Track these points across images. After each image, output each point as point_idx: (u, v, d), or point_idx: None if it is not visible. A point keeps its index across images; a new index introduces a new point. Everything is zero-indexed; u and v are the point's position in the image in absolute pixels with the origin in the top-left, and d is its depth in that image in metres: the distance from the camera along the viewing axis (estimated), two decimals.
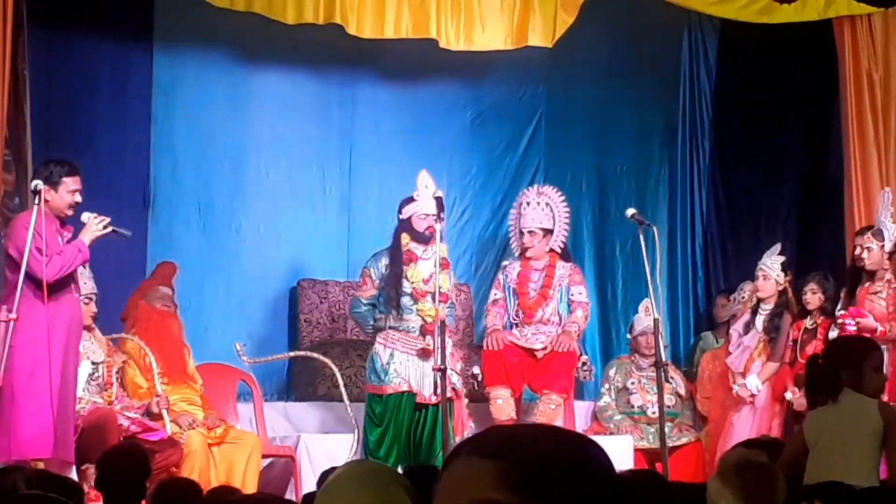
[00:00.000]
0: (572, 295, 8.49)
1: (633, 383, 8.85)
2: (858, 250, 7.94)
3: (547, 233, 8.54)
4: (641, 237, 7.46)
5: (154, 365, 7.64)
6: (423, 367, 7.52)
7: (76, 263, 6.67)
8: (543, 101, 10.30)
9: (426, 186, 7.69)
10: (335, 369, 8.26)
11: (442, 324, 7.28)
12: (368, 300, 7.74)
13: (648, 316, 8.16)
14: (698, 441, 8.69)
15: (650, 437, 8.55)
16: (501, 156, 10.20)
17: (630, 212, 7.68)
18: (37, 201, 6.47)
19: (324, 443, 8.04)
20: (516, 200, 8.85)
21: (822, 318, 8.07)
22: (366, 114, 9.87)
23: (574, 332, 8.41)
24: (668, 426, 7.90)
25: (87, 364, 7.27)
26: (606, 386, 8.94)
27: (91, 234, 6.68)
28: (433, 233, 7.53)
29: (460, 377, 8.02)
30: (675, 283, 10.11)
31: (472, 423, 8.11)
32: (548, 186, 8.89)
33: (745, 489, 3.42)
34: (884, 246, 7.88)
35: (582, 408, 9.05)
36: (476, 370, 8.45)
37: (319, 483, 4.14)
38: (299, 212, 9.66)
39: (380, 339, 7.68)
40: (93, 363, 7.40)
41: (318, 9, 8.10)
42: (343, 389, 8.12)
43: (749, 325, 8.37)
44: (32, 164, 7.72)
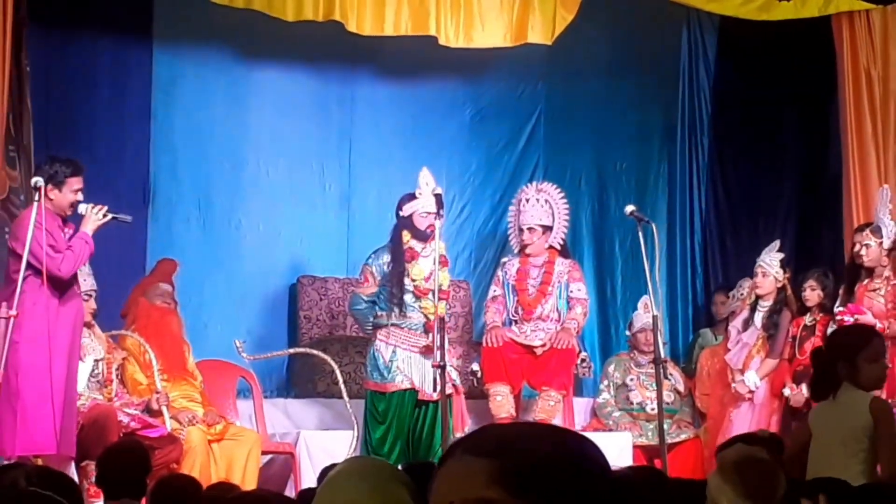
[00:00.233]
0: (571, 291, 8.49)
1: (632, 380, 8.86)
2: (857, 247, 7.94)
3: (546, 229, 8.54)
4: (640, 234, 7.45)
5: (154, 361, 7.64)
6: (425, 365, 7.51)
7: (86, 256, 6.69)
8: (543, 98, 10.29)
9: (427, 184, 7.67)
10: (335, 366, 8.27)
11: (441, 320, 7.29)
12: (369, 297, 7.72)
13: (647, 313, 8.16)
14: (697, 438, 8.69)
15: (649, 434, 8.56)
16: (501, 153, 10.20)
17: (629, 209, 7.67)
18: (37, 198, 6.45)
19: (323, 439, 8.04)
20: (515, 197, 8.85)
21: (821, 314, 8.08)
22: (365, 111, 9.86)
23: (573, 328, 8.41)
24: (666, 423, 7.90)
25: (88, 360, 7.27)
26: (605, 382, 8.94)
27: (92, 224, 6.68)
28: (433, 230, 7.52)
29: (459, 373, 8.01)
30: (674, 280, 10.11)
31: (469, 420, 8.12)
32: (547, 183, 8.89)
33: (746, 485, 3.41)
34: (882, 243, 7.89)
35: (581, 404, 9.05)
36: (475, 367, 8.45)
37: (319, 479, 4.14)
38: (299, 209, 9.65)
39: (381, 337, 7.66)
40: (93, 360, 7.40)
41: (318, 6, 8.09)
42: (342, 386, 8.13)
43: (748, 321, 8.38)
44: (33, 161, 7.72)
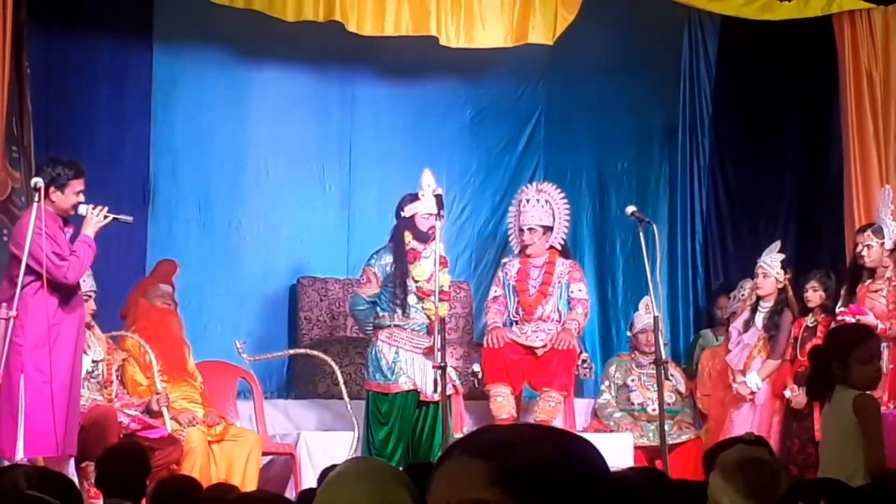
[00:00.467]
0: (572, 292, 8.48)
1: (633, 381, 8.85)
2: (859, 248, 7.93)
3: (547, 230, 8.53)
4: (641, 235, 7.44)
5: (154, 362, 7.64)
6: (426, 366, 7.49)
7: (91, 260, 6.66)
8: (543, 98, 10.29)
9: (429, 185, 7.62)
10: (335, 367, 8.26)
11: (442, 321, 7.27)
12: (370, 298, 7.68)
13: (648, 313, 8.15)
14: (698, 438, 8.68)
15: (650, 435, 8.55)
16: (501, 153, 10.19)
17: (630, 209, 7.66)
18: (36, 199, 6.43)
19: (323, 440, 8.03)
20: (515, 198, 8.83)
21: (822, 315, 8.06)
22: (365, 111, 9.86)
23: (574, 329, 8.40)
24: (668, 424, 7.89)
25: (86, 361, 7.26)
26: (606, 383, 8.93)
27: (93, 226, 6.65)
28: (434, 232, 7.49)
29: (459, 374, 8.00)
30: (675, 281, 10.10)
31: (468, 421, 8.11)
32: (547, 184, 8.88)
33: (748, 485, 3.41)
34: (884, 243, 7.88)
35: (582, 405, 9.05)
36: (476, 368, 8.45)
37: (319, 481, 4.13)
38: (299, 209, 9.65)
39: (384, 338, 7.59)
40: (92, 361, 7.39)
41: (318, 6, 8.08)
42: (343, 387, 8.12)
43: (749, 322, 8.37)
44: (35, 161, 7.71)
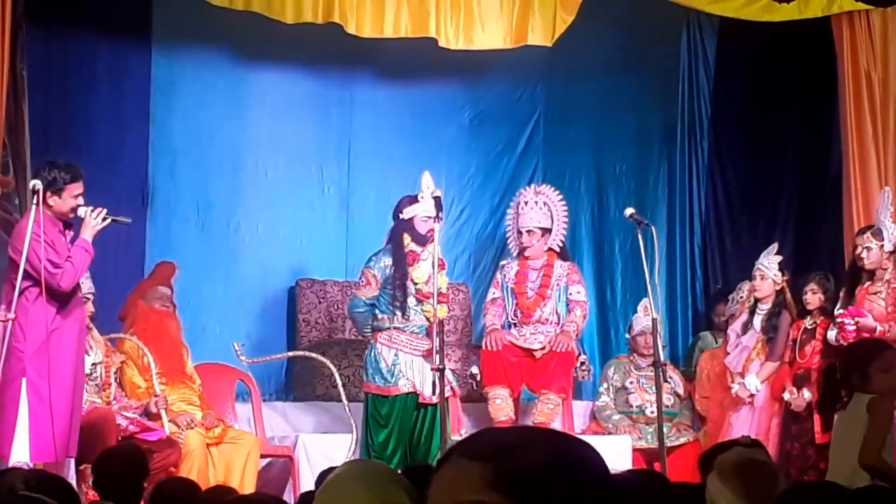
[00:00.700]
0: (571, 294, 8.48)
1: (631, 383, 8.84)
2: (858, 250, 7.92)
3: (545, 232, 8.52)
4: (640, 237, 7.43)
5: (152, 365, 7.63)
6: (425, 368, 7.48)
7: (87, 265, 6.62)
8: (542, 100, 10.30)
9: (428, 188, 7.58)
10: (333, 369, 8.26)
11: (441, 324, 7.27)
12: (369, 300, 7.65)
13: (647, 316, 8.14)
14: (697, 441, 8.68)
15: (648, 437, 8.55)
16: (500, 155, 10.20)
17: (629, 211, 7.65)
18: (35, 201, 6.41)
19: (322, 443, 8.03)
20: (513, 200, 8.83)
21: (821, 318, 8.06)
22: (364, 113, 9.87)
23: (572, 331, 8.40)
24: (666, 426, 7.87)
25: (87, 363, 7.24)
26: (605, 386, 8.93)
27: (92, 229, 6.61)
28: (433, 234, 7.47)
29: (458, 376, 7.99)
30: (673, 283, 10.10)
31: (466, 423, 8.10)
32: (545, 186, 8.88)
33: (745, 487, 3.41)
34: (883, 246, 7.87)
35: (580, 407, 9.04)
36: (475, 370, 8.44)
37: (318, 483, 4.13)
38: (298, 211, 9.65)
39: (383, 340, 7.54)
40: (91, 363, 7.38)
41: (317, 8, 8.08)
42: (341, 389, 8.12)
43: (747, 325, 8.36)
44: (31, 163, 7.70)
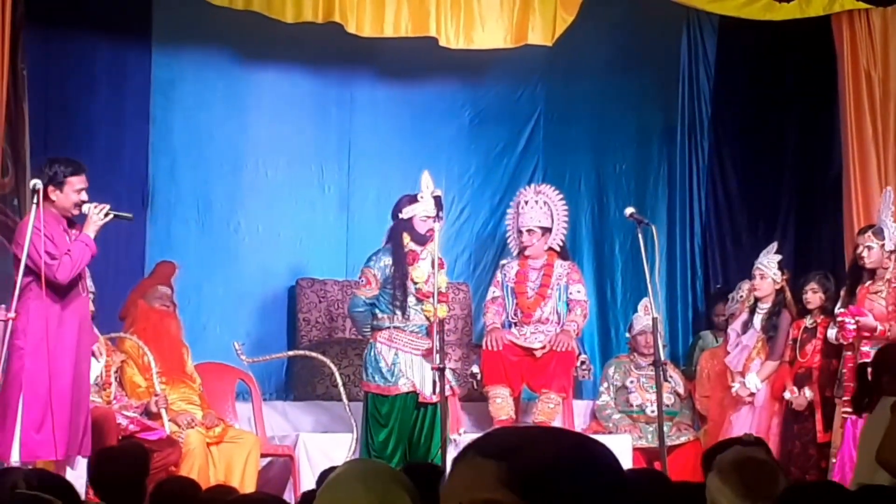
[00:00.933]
0: (571, 294, 8.48)
1: (631, 382, 8.85)
2: (859, 249, 7.92)
3: (545, 231, 8.53)
4: (640, 236, 7.43)
5: (153, 364, 7.63)
6: (424, 367, 7.48)
7: (86, 260, 6.59)
8: (542, 100, 10.29)
9: (428, 187, 7.57)
10: (334, 368, 8.26)
11: (441, 323, 7.26)
12: (369, 300, 7.63)
13: (647, 315, 8.14)
14: (697, 440, 8.68)
15: (649, 436, 8.55)
16: (500, 155, 10.19)
17: (629, 211, 7.65)
18: (35, 200, 6.41)
19: (322, 442, 8.02)
20: (514, 200, 8.84)
21: (822, 317, 8.06)
22: (364, 113, 9.86)
23: (573, 330, 8.40)
24: (666, 425, 7.88)
25: (97, 367, 7.23)
26: (605, 385, 8.93)
27: (94, 225, 6.59)
28: (433, 234, 7.46)
29: (458, 375, 7.99)
30: (674, 282, 10.10)
31: (465, 422, 8.10)
32: (545, 185, 8.89)
33: (745, 486, 3.40)
34: (884, 245, 7.87)
35: (581, 407, 9.04)
36: (475, 369, 8.44)
37: (319, 482, 4.13)
38: (298, 211, 9.65)
39: (382, 340, 7.51)
40: (100, 369, 7.38)
41: (318, 7, 8.08)
42: (342, 389, 8.12)
43: (747, 324, 8.37)
44: (31, 163, 7.70)
